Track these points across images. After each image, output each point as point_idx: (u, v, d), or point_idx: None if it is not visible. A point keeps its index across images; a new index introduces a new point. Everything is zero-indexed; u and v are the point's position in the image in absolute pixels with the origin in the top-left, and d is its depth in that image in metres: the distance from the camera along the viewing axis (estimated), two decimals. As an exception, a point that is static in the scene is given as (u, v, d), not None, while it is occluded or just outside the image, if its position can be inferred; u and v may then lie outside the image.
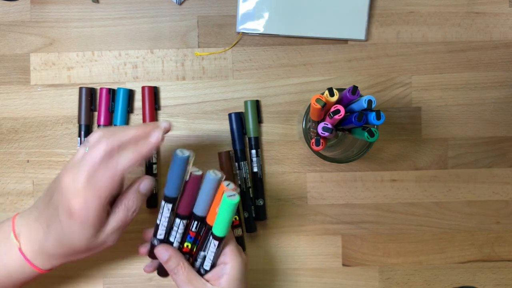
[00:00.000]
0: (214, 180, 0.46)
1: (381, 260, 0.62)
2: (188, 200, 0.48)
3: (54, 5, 0.61)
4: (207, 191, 0.47)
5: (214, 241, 0.48)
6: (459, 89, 0.62)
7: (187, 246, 0.50)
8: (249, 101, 0.60)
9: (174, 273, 0.49)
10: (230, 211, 0.46)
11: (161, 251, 0.50)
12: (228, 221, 0.46)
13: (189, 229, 0.49)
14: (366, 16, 0.61)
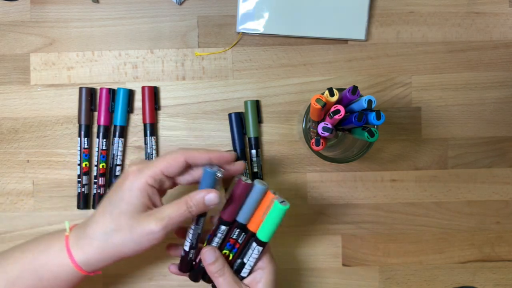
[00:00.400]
0: (262, 189, 0.48)
1: (381, 260, 0.62)
2: (234, 207, 0.49)
3: (54, 5, 0.61)
4: (254, 200, 0.49)
5: (258, 247, 0.50)
6: (459, 89, 0.62)
7: (225, 254, 0.51)
8: (249, 101, 0.60)
9: (219, 275, 0.50)
10: (279, 217, 0.48)
11: (209, 253, 0.50)
12: (276, 227, 0.49)
13: (229, 236, 0.50)
14: (366, 16, 0.61)
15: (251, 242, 0.50)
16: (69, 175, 0.61)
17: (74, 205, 0.61)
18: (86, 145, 0.60)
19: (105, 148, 0.60)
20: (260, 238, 0.49)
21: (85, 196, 0.60)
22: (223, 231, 0.50)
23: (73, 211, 0.61)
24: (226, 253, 0.51)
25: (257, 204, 0.49)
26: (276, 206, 0.48)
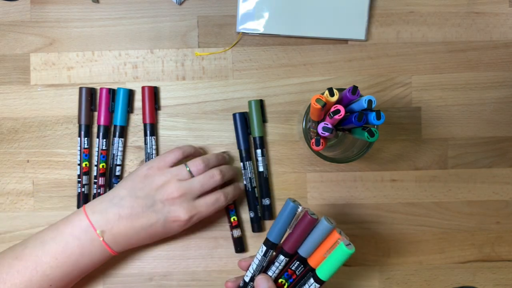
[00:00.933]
0: (329, 228, 0.47)
1: (381, 260, 0.62)
2: (297, 239, 0.49)
3: (54, 5, 0.61)
4: (318, 236, 0.48)
5: (315, 284, 0.49)
6: (459, 89, 0.62)
7: (281, 282, 0.51)
8: (253, 100, 0.60)
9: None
10: (343, 260, 0.47)
11: (262, 281, 0.50)
12: (337, 268, 0.48)
13: (289, 267, 0.50)
14: (366, 16, 0.61)
15: (309, 277, 0.49)
16: (69, 175, 0.61)
17: (74, 205, 0.61)
18: (86, 145, 0.60)
19: (105, 148, 0.60)
20: (319, 276, 0.48)
21: (85, 196, 0.60)
22: (281, 261, 0.50)
23: (73, 211, 0.61)
24: (282, 282, 0.51)
25: (321, 241, 0.48)
26: (341, 248, 0.46)
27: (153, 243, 0.61)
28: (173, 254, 0.61)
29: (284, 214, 0.48)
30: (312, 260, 0.49)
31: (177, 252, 0.61)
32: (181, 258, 0.61)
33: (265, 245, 0.50)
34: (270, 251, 0.50)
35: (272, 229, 0.49)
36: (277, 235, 0.49)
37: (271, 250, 0.50)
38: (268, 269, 0.51)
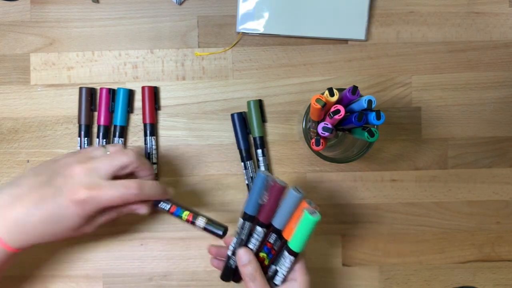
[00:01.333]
0: (296, 197, 0.47)
1: (381, 260, 0.62)
2: (270, 209, 0.49)
3: (54, 5, 0.61)
4: (288, 206, 0.48)
5: (290, 257, 0.49)
6: (459, 89, 0.62)
7: (262, 257, 0.51)
8: (252, 101, 0.60)
9: (250, 279, 0.49)
10: (309, 228, 0.47)
11: (243, 254, 0.50)
12: (307, 238, 0.47)
13: (267, 239, 0.50)
14: (366, 16, 0.61)
15: (284, 250, 0.49)
16: (69, 175, 0.61)
17: (74, 205, 0.61)
18: (86, 145, 0.60)
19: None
20: (291, 247, 0.48)
21: (85, 196, 0.60)
22: (259, 233, 0.50)
23: (73, 211, 0.61)
24: (264, 256, 0.51)
25: (291, 211, 0.48)
26: (306, 217, 0.46)
27: (154, 245, 0.61)
28: (173, 254, 0.61)
29: (256, 185, 0.48)
30: (286, 232, 0.49)
31: (177, 252, 0.61)
32: (181, 258, 0.61)
33: (242, 218, 0.50)
34: (247, 223, 0.50)
35: (247, 201, 0.49)
36: (252, 207, 0.49)
37: (248, 222, 0.50)
38: (249, 242, 0.51)
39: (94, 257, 0.61)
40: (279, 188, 0.47)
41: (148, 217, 0.61)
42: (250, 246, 0.51)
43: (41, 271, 0.61)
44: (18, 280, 0.61)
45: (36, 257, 0.61)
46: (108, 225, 0.61)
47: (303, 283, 0.49)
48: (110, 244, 0.61)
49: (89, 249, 0.61)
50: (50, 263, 0.61)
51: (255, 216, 0.50)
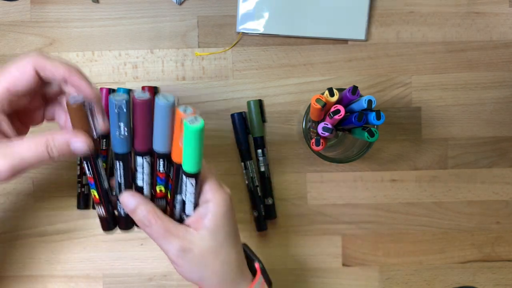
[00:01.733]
0: (165, 106, 0.39)
1: (381, 260, 0.62)
2: (142, 133, 0.41)
3: (54, 5, 0.61)
4: (160, 120, 0.40)
5: (189, 180, 0.41)
6: (459, 89, 0.62)
7: (160, 191, 0.43)
8: (252, 101, 0.60)
9: (146, 225, 0.42)
10: (196, 140, 0.39)
11: (127, 199, 0.42)
12: (198, 152, 0.40)
13: (157, 170, 0.42)
14: (366, 16, 0.61)
15: (181, 174, 0.41)
16: (69, 175, 0.61)
17: (74, 205, 0.61)
18: (86, 145, 0.60)
19: (105, 148, 0.60)
20: (185, 169, 0.40)
21: (85, 196, 0.60)
22: (141, 164, 0.42)
23: (73, 211, 0.61)
24: (162, 190, 0.43)
25: (170, 126, 0.40)
26: (186, 128, 0.38)
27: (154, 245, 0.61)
28: (173, 254, 0.61)
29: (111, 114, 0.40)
30: (175, 155, 0.41)
31: (177, 252, 0.61)
32: (181, 258, 0.61)
33: (115, 159, 0.42)
34: (118, 162, 0.42)
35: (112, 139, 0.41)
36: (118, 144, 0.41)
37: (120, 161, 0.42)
38: (135, 178, 0.43)
39: (94, 257, 0.61)
40: (141, 104, 0.39)
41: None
42: (139, 183, 0.43)
43: (41, 271, 0.61)
44: (18, 280, 0.61)
45: (36, 257, 0.61)
46: (108, 225, 0.61)
47: (218, 202, 0.42)
48: (110, 244, 0.61)
49: (89, 249, 0.61)
50: (50, 263, 0.61)
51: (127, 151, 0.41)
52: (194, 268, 0.42)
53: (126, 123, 0.40)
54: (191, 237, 0.42)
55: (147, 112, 0.40)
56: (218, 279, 0.43)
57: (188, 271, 0.42)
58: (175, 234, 0.42)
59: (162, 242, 0.42)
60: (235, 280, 0.44)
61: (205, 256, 0.42)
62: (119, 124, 0.39)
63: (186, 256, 0.41)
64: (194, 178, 0.41)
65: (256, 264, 0.46)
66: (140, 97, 0.39)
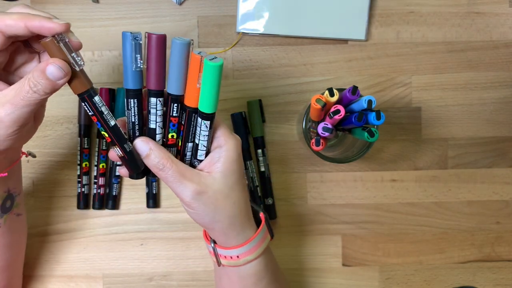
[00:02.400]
0: (181, 44, 0.39)
1: (381, 260, 0.62)
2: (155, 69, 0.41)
3: (54, 5, 0.61)
4: (176, 60, 0.40)
5: (204, 122, 0.42)
6: (459, 89, 0.62)
7: (172, 137, 0.44)
8: (252, 101, 0.60)
9: (160, 169, 0.42)
10: (216, 78, 0.39)
11: (140, 144, 0.42)
12: (217, 91, 0.40)
13: (170, 115, 0.43)
14: (366, 16, 0.61)
15: (196, 118, 0.42)
16: (69, 175, 0.61)
17: (74, 205, 0.61)
18: (86, 145, 0.60)
19: (105, 148, 0.60)
20: (203, 110, 0.41)
21: (85, 196, 0.60)
22: (155, 105, 0.42)
23: (73, 211, 0.61)
24: (174, 136, 0.44)
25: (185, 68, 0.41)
26: (207, 65, 0.39)
27: (154, 245, 0.61)
28: (173, 254, 0.61)
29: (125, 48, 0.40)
30: (189, 99, 0.42)
31: (177, 252, 0.61)
32: (181, 258, 0.61)
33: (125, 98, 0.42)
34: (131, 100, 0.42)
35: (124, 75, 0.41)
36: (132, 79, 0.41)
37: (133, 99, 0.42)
38: (148, 122, 0.43)
39: (94, 257, 0.61)
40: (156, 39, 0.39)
41: (148, 217, 0.61)
42: (152, 126, 0.43)
43: (41, 271, 0.61)
44: (18, 280, 0.61)
45: (36, 257, 0.61)
46: (108, 225, 0.61)
47: (230, 147, 0.44)
48: (110, 244, 0.61)
49: (89, 249, 0.61)
50: (50, 263, 0.61)
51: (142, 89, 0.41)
52: (208, 210, 0.44)
53: (142, 55, 0.40)
54: (205, 180, 0.43)
55: (162, 48, 0.40)
56: (229, 220, 0.45)
57: (201, 214, 0.44)
58: (189, 178, 0.43)
59: (177, 185, 0.43)
60: (244, 224, 0.46)
61: (218, 198, 0.44)
62: (136, 56, 0.40)
63: (200, 199, 0.43)
64: (210, 120, 0.42)
65: (261, 214, 0.49)
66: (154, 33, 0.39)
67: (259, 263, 0.48)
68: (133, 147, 0.43)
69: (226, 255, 0.47)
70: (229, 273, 0.48)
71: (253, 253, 0.46)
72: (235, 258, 0.46)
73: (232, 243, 0.46)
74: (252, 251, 0.46)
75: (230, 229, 0.45)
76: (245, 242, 0.46)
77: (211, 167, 0.44)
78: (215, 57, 0.39)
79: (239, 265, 0.47)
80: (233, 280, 0.49)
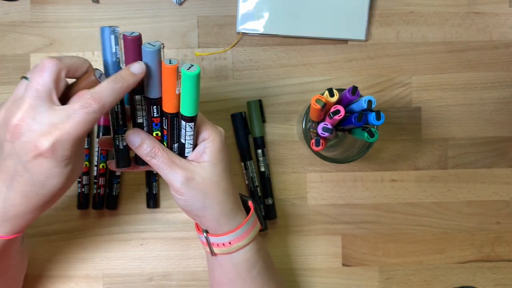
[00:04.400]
0: (152, 53, 0.41)
1: (381, 260, 0.62)
2: None
3: (54, 5, 0.61)
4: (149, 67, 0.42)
5: (188, 124, 0.44)
6: (459, 89, 0.62)
7: (157, 135, 0.46)
8: (252, 101, 0.60)
9: (151, 157, 0.44)
10: (196, 85, 0.41)
11: (132, 136, 0.44)
12: (196, 96, 0.42)
13: (151, 116, 0.45)
14: (366, 16, 0.61)
15: (178, 121, 0.44)
16: (69, 175, 0.61)
17: (74, 205, 0.61)
18: (86, 145, 0.60)
19: (105, 149, 0.60)
20: (186, 114, 0.43)
21: (85, 196, 0.60)
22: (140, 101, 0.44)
23: (73, 211, 0.61)
24: (158, 134, 0.46)
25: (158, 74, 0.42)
26: (185, 75, 0.40)
27: (154, 245, 0.61)
28: (173, 254, 0.61)
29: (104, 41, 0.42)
30: (168, 106, 0.44)
31: (177, 252, 0.61)
32: (181, 258, 0.61)
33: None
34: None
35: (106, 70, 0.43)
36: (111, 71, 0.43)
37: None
38: (135, 116, 0.45)
39: (94, 257, 0.61)
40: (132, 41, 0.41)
41: (148, 217, 0.61)
42: (139, 120, 0.46)
43: (41, 271, 0.61)
44: (18, 280, 0.61)
45: (36, 257, 0.61)
46: (108, 225, 0.61)
47: (215, 138, 0.46)
48: (110, 244, 0.61)
49: (89, 249, 0.61)
50: (50, 263, 0.61)
51: None
52: (197, 196, 0.45)
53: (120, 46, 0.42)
54: (194, 168, 0.45)
55: (137, 48, 0.42)
56: (219, 207, 0.47)
57: (191, 200, 0.46)
58: (179, 165, 0.45)
59: (168, 172, 0.45)
60: (234, 210, 0.48)
61: (207, 184, 0.46)
62: (116, 48, 0.42)
63: (190, 184, 0.45)
64: (193, 121, 0.44)
65: (250, 202, 0.51)
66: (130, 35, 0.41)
67: (251, 250, 0.49)
68: (125, 138, 0.45)
69: (219, 242, 0.48)
70: (222, 262, 0.50)
71: (244, 238, 0.48)
72: (227, 244, 0.48)
73: (224, 230, 0.48)
74: (243, 236, 0.48)
75: (221, 215, 0.47)
76: (236, 228, 0.48)
77: (198, 159, 0.46)
78: (191, 64, 0.40)
79: (232, 252, 0.48)
80: (226, 269, 0.50)
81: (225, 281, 0.50)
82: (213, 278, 0.52)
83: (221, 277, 0.51)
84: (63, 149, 0.39)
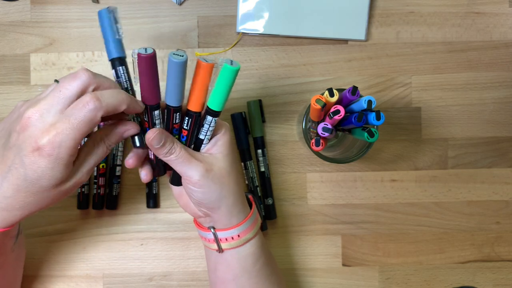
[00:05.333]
0: (180, 63, 0.42)
1: (381, 260, 0.62)
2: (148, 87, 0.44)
3: (54, 5, 0.61)
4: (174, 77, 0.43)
5: (214, 119, 0.46)
6: (459, 89, 0.62)
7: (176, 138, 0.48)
8: (252, 101, 0.60)
9: (171, 153, 0.45)
10: (233, 80, 0.44)
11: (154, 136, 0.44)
12: (229, 91, 0.44)
13: (173, 122, 0.46)
14: (366, 16, 0.61)
15: (203, 117, 0.46)
16: (69, 175, 0.61)
17: (74, 205, 0.61)
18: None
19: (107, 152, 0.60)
20: (214, 108, 0.45)
21: (85, 196, 0.60)
22: (158, 116, 0.46)
23: (73, 211, 0.61)
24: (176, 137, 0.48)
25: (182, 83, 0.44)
26: (226, 69, 0.42)
27: (154, 245, 0.61)
28: (173, 254, 0.61)
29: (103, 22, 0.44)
30: (194, 105, 0.45)
31: (177, 252, 0.61)
32: (181, 258, 0.61)
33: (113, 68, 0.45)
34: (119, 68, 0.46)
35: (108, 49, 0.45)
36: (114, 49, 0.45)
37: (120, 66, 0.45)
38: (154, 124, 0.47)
39: (94, 257, 0.61)
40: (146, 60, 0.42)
41: (148, 217, 0.61)
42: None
43: (41, 271, 0.61)
44: (18, 280, 0.61)
45: (36, 257, 0.61)
46: (108, 225, 0.61)
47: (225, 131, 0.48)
48: (110, 244, 0.61)
49: (89, 249, 0.61)
50: (50, 263, 0.61)
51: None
52: (215, 187, 0.47)
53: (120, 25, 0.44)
54: (210, 160, 0.47)
55: (152, 65, 0.43)
56: (233, 197, 0.48)
57: (209, 191, 0.47)
58: (198, 158, 0.46)
59: (187, 167, 0.46)
60: (243, 201, 0.50)
61: (223, 175, 0.47)
62: (116, 26, 0.44)
63: (208, 176, 0.46)
64: (217, 116, 0.46)
65: (250, 196, 0.53)
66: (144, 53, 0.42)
67: (256, 243, 0.50)
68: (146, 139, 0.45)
69: (227, 236, 0.48)
70: (228, 258, 0.50)
71: (251, 231, 0.49)
72: (236, 238, 0.49)
73: (234, 222, 0.48)
74: (250, 229, 0.49)
75: (234, 206, 0.48)
76: (244, 220, 0.49)
77: (210, 151, 0.48)
78: (231, 60, 0.43)
79: (239, 246, 0.49)
80: (232, 265, 0.50)
81: (230, 278, 0.50)
82: (216, 277, 0.52)
83: (225, 275, 0.51)
84: (59, 147, 0.39)
